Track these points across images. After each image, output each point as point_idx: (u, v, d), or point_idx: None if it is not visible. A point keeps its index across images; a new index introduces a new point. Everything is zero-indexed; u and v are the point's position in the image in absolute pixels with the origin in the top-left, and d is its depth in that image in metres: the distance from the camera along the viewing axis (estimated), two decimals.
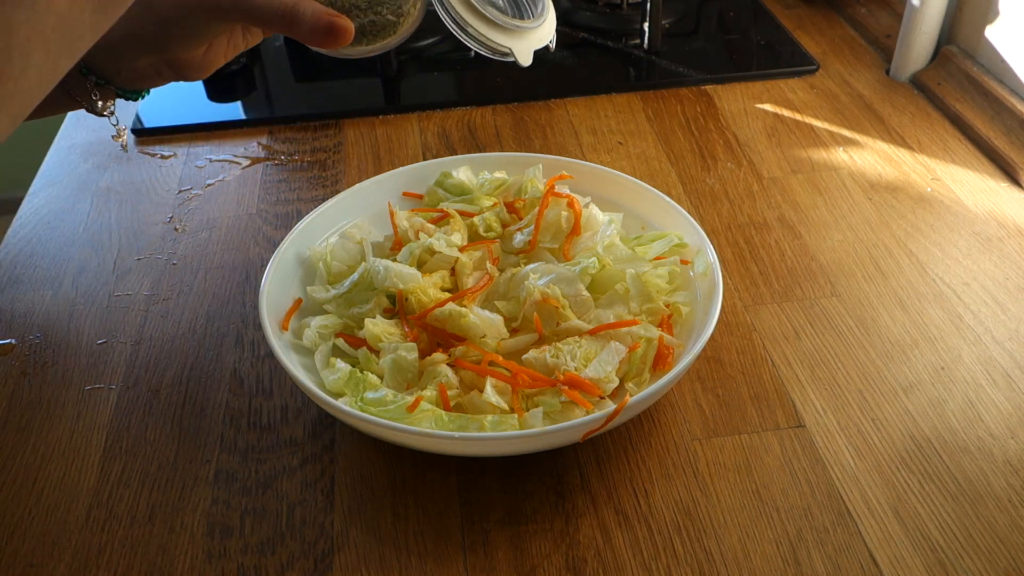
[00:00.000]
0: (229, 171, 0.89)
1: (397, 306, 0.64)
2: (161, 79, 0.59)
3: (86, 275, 0.76)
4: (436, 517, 0.56)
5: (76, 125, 0.98)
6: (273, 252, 0.67)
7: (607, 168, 0.75)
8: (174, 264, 0.77)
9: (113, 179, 0.89)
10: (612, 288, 0.65)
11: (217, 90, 1.02)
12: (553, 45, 0.63)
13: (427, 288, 0.64)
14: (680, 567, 0.52)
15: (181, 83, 0.60)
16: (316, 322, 0.64)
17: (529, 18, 0.61)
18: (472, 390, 0.59)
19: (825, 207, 0.80)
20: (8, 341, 0.70)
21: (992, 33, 0.89)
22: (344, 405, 0.55)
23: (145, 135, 0.95)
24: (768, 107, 0.95)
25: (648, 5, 1.03)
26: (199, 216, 0.83)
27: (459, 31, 0.59)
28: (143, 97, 0.62)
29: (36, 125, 0.59)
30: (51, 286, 0.75)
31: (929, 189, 0.82)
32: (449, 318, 0.61)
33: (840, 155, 0.87)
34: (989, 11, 0.89)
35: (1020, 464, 0.57)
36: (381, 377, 0.60)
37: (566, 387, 0.57)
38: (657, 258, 0.68)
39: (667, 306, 0.64)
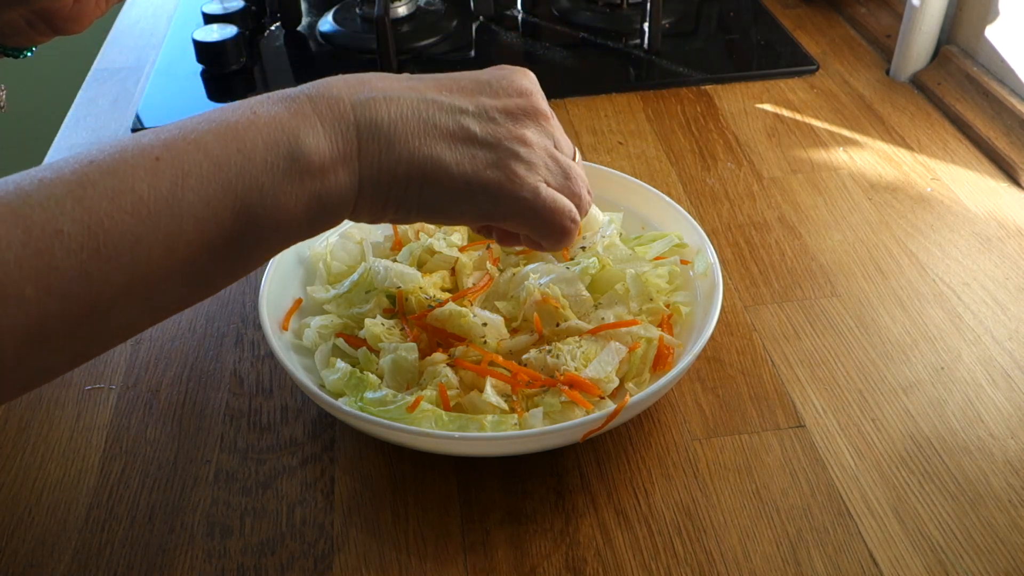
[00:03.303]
0: None
1: (397, 306, 0.64)
2: (37, 33, 0.59)
3: None
4: (436, 517, 0.56)
5: (76, 125, 0.97)
6: None
7: (607, 168, 0.75)
8: None
9: None
10: (612, 288, 0.65)
11: (217, 90, 1.02)
12: None
13: (427, 288, 0.64)
14: (680, 567, 0.52)
15: (180, 81, 0.60)
16: (316, 322, 0.64)
17: None
18: (472, 390, 0.59)
19: (825, 207, 0.80)
20: None
21: (992, 33, 0.89)
22: (344, 405, 0.55)
23: None
24: (768, 107, 0.95)
25: (648, 5, 1.03)
26: None
27: None
28: (26, 55, 0.61)
29: (36, 124, 0.58)
30: None
31: (929, 189, 0.82)
32: (449, 318, 0.61)
33: (840, 155, 0.87)
34: (989, 11, 0.89)
35: (1020, 464, 0.57)
36: (381, 377, 0.60)
37: (566, 387, 0.57)
38: (657, 258, 0.67)
39: (667, 306, 0.64)
